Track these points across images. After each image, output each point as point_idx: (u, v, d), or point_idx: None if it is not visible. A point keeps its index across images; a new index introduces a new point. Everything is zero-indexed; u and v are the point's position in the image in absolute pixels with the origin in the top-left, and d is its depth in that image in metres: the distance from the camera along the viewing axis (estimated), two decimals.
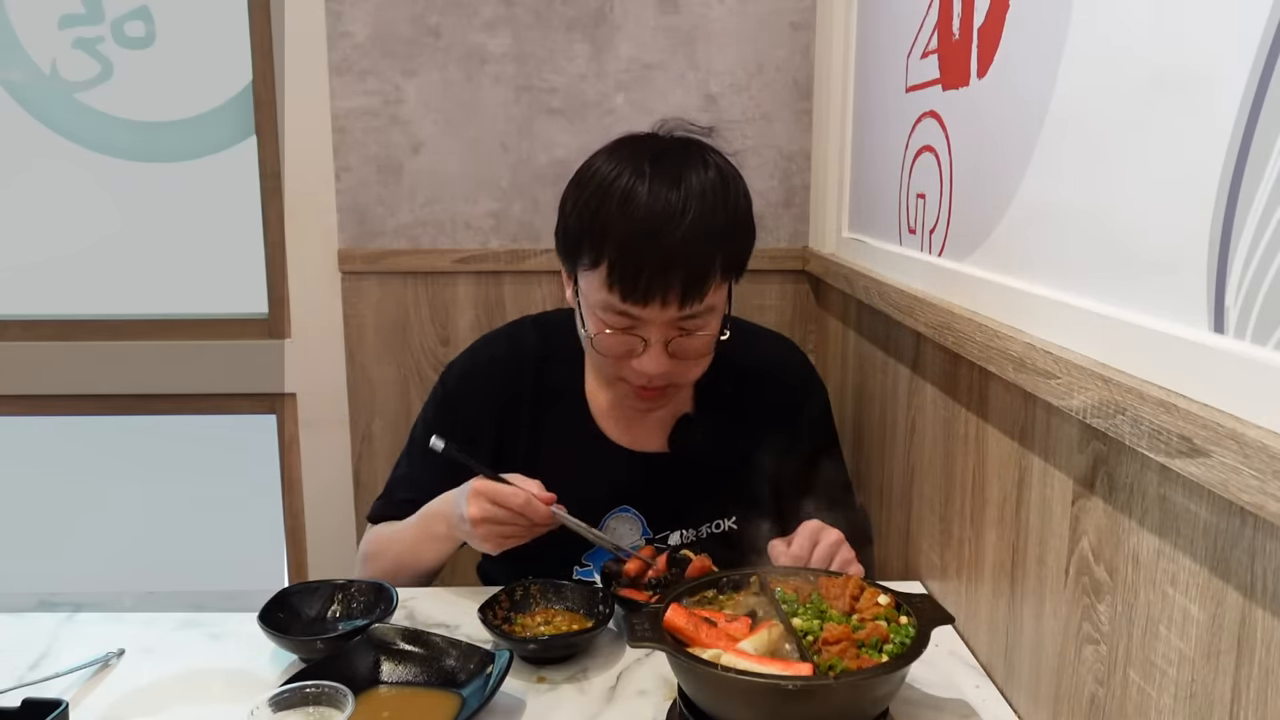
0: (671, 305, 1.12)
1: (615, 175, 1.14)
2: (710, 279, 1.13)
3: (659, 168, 1.13)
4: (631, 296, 1.12)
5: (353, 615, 1.11)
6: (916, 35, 1.22)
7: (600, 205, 1.13)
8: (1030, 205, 0.90)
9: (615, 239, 1.11)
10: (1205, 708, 0.65)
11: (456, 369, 1.35)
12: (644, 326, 1.15)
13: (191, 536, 2.06)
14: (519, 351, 1.32)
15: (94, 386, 1.89)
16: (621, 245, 1.11)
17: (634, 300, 1.12)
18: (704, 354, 1.20)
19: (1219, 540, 0.63)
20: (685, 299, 1.12)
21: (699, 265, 1.12)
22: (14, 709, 0.86)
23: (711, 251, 1.13)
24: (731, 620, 0.92)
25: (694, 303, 1.13)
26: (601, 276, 1.13)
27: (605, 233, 1.12)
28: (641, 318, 1.14)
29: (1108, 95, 0.76)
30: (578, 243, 1.16)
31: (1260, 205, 0.58)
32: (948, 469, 1.14)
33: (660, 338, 1.15)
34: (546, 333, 1.34)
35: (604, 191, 1.14)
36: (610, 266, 1.11)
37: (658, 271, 1.10)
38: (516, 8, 1.76)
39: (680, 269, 1.11)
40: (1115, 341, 0.73)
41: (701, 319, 1.16)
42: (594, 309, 1.17)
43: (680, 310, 1.13)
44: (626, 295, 1.12)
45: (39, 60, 1.85)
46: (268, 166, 1.85)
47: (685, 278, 1.11)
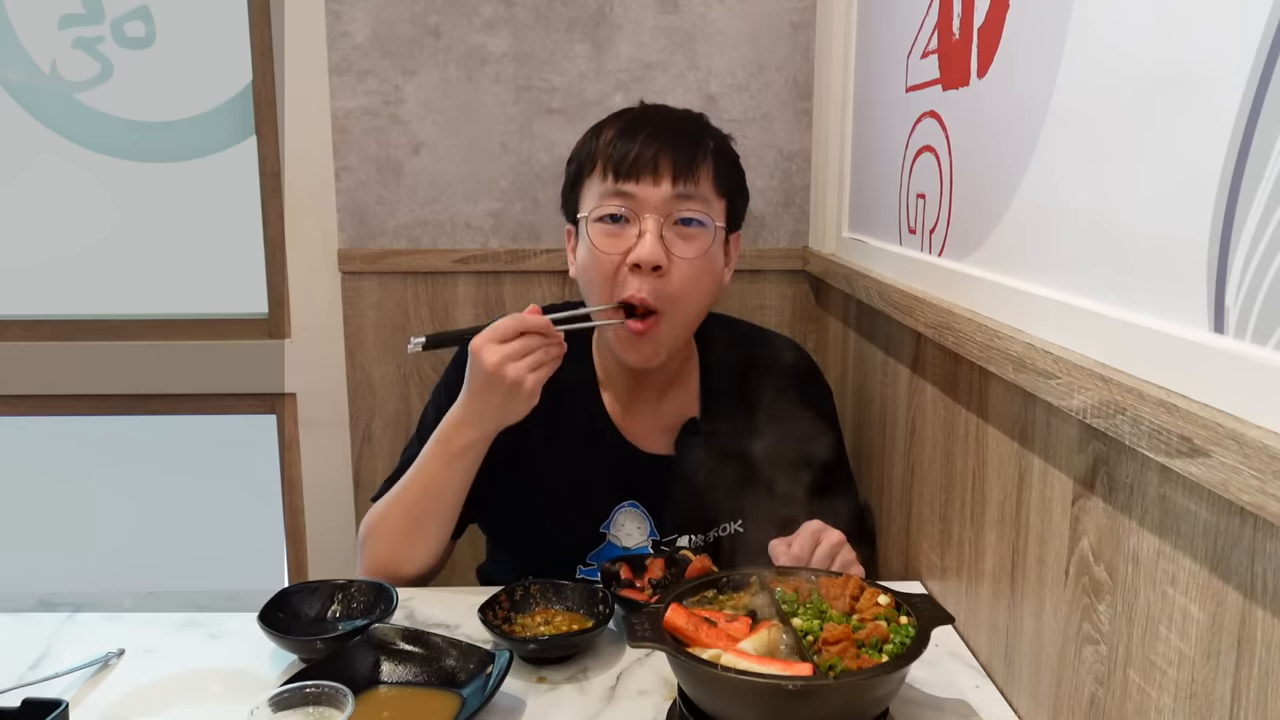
0: (664, 180, 1.18)
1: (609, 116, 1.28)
2: (700, 164, 1.20)
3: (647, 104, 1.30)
4: (624, 173, 1.18)
5: (353, 615, 1.11)
6: (916, 35, 1.22)
7: (597, 129, 1.26)
8: (1030, 205, 0.90)
9: (609, 132, 1.22)
10: (1205, 708, 0.65)
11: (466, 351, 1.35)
12: (638, 208, 1.18)
13: (191, 536, 2.06)
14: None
15: (94, 386, 1.89)
16: (615, 133, 1.21)
17: (626, 176, 1.18)
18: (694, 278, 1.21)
19: (1219, 540, 0.63)
20: (677, 175, 1.18)
21: (689, 143, 1.20)
22: (14, 709, 0.86)
23: (701, 141, 1.22)
24: (731, 620, 0.92)
25: (686, 181, 1.18)
26: (598, 172, 1.20)
27: (600, 135, 1.23)
28: (635, 195, 1.18)
29: (1108, 95, 0.76)
30: (578, 167, 1.25)
31: (1260, 205, 0.58)
32: (948, 469, 1.14)
33: (655, 225, 1.18)
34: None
35: (598, 124, 1.27)
36: (604, 154, 1.20)
37: (648, 143, 1.18)
38: (516, 8, 1.76)
39: (670, 144, 1.19)
40: (1115, 341, 0.73)
41: (695, 203, 1.20)
42: (592, 217, 1.21)
43: (673, 188, 1.18)
44: (619, 172, 1.18)
45: (39, 60, 1.85)
46: (268, 166, 1.85)
47: (675, 152, 1.18)
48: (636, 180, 1.18)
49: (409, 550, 1.20)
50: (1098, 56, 0.78)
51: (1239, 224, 0.60)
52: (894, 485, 1.35)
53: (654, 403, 1.31)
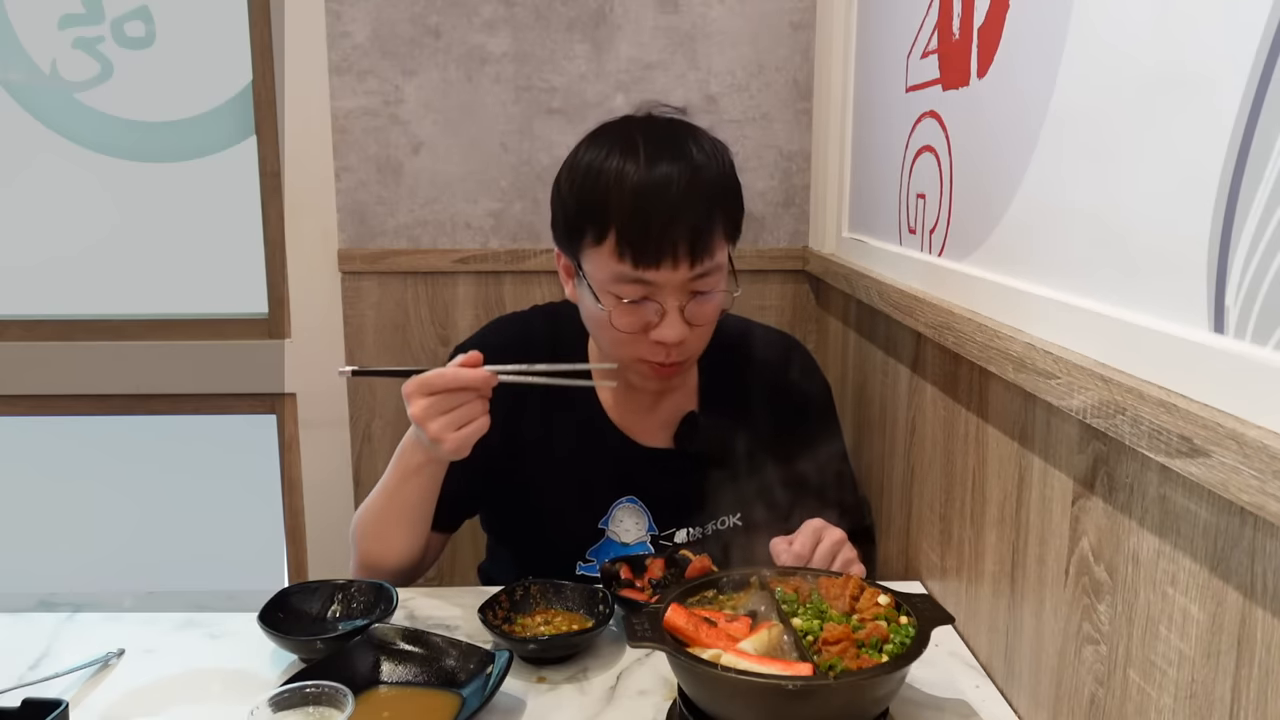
0: (683, 264, 1.14)
1: (607, 153, 1.16)
2: (714, 233, 1.16)
3: (649, 139, 1.16)
4: (643, 260, 1.13)
5: (353, 615, 1.11)
6: (916, 35, 1.22)
7: (598, 181, 1.15)
8: (1030, 205, 0.90)
9: (618, 208, 1.13)
10: (1205, 708, 0.65)
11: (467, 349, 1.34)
12: (658, 292, 1.15)
13: (191, 536, 2.06)
14: (529, 338, 1.32)
15: (94, 386, 1.89)
16: (626, 212, 1.12)
17: (646, 264, 1.13)
18: (712, 324, 1.22)
19: (1219, 540, 0.63)
20: (695, 255, 1.14)
21: (703, 220, 1.14)
22: (14, 709, 0.86)
23: (712, 206, 1.16)
24: (731, 620, 0.92)
25: (704, 259, 1.15)
26: (610, 249, 1.14)
27: (607, 204, 1.13)
28: (655, 282, 1.15)
29: (1108, 95, 0.76)
30: (579, 224, 1.17)
31: (1260, 205, 0.58)
32: (948, 469, 1.14)
33: (676, 302, 1.16)
34: (555, 322, 1.34)
35: (599, 169, 1.16)
36: (618, 235, 1.13)
37: (665, 230, 1.12)
38: (516, 8, 1.76)
39: (686, 225, 1.13)
40: (1115, 341, 0.73)
41: (712, 278, 1.18)
42: (605, 287, 1.17)
43: (691, 269, 1.14)
44: (638, 260, 1.13)
45: (39, 60, 1.85)
46: (268, 166, 1.85)
47: (692, 233, 1.13)
48: (656, 268, 1.13)
49: (386, 550, 1.22)
50: (1098, 56, 0.78)
51: (1239, 224, 0.60)
52: (894, 485, 1.35)
53: (653, 398, 1.31)
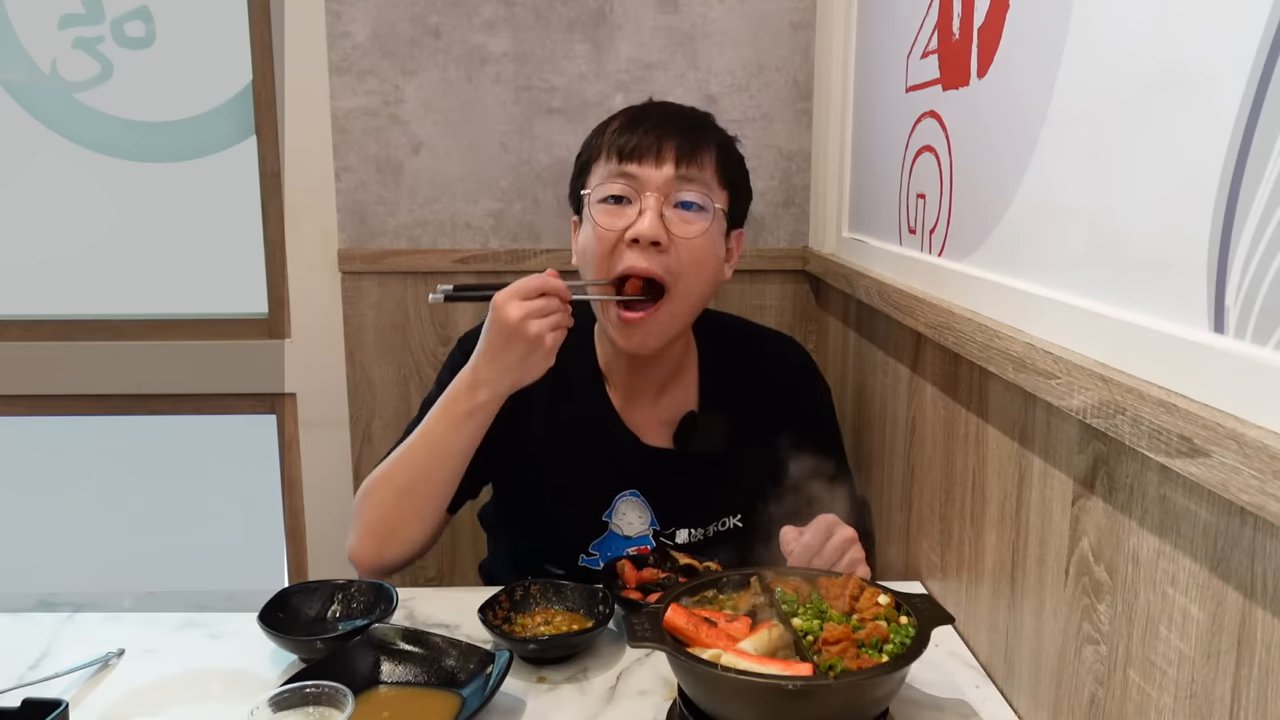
0: (666, 162, 1.20)
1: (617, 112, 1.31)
2: (703, 152, 1.22)
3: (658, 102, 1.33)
4: (626, 152, 1.20)
5: (353, 615, 1.11)
6: (916, 35, 1.22)
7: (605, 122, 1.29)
8: (1030, 205, 0.90)
9: (616, 122, 1.26)
10: (1205, 708, 0.65)
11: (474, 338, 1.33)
12: (641, 189, 1.20)
13: (191, 536, 2.06)
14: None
15: (94, 386, 1.89)
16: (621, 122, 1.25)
17: (628, 156, 1.20)
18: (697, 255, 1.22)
19: (1219, 540, 0.63)
20: (679, 159, 1.20)
21: (693, 132, 1.23)
22: (14, 709, 0.86)
23: (705, 132, 1.25)
24: (731, 620, 0.92)
25: (688, 167, 1.20)
26: (603, 156, 1.23)
27: (607, 127, 1.26)
28: (637, 176, 1.20)
29: (1108, 95, 0.76)
30: (586, 156, 1.28)
31: (1260, 205, 0.58)
32: (948, 469, 1.14)
33: (655, 203, 1.19)
34: None
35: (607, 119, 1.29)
36: (610, 140, 1.23)
37: (653, 128, 1.21)
38: (516, 8, 1.76)
39: (674, 130, 1.22)
40: (1115, 341, 0.73)
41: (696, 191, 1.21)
42: (594, 200, 1.23)
43: (676, 169, 1.20)
44: (623, 151, 1.21)
45: (39, 60, 1.85)
46: (268, 166, 1.85)
47: (679, 137, 1.21)
48: (639, 161, 1.20)
49: (408, 511, 1.19)
50: (1098, 56, 0.78)
51: (1239, 224, 0.60)
52: (894, 485, 1.35)
53: (654, 396, 1.32)
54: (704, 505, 1.31)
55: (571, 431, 1.29)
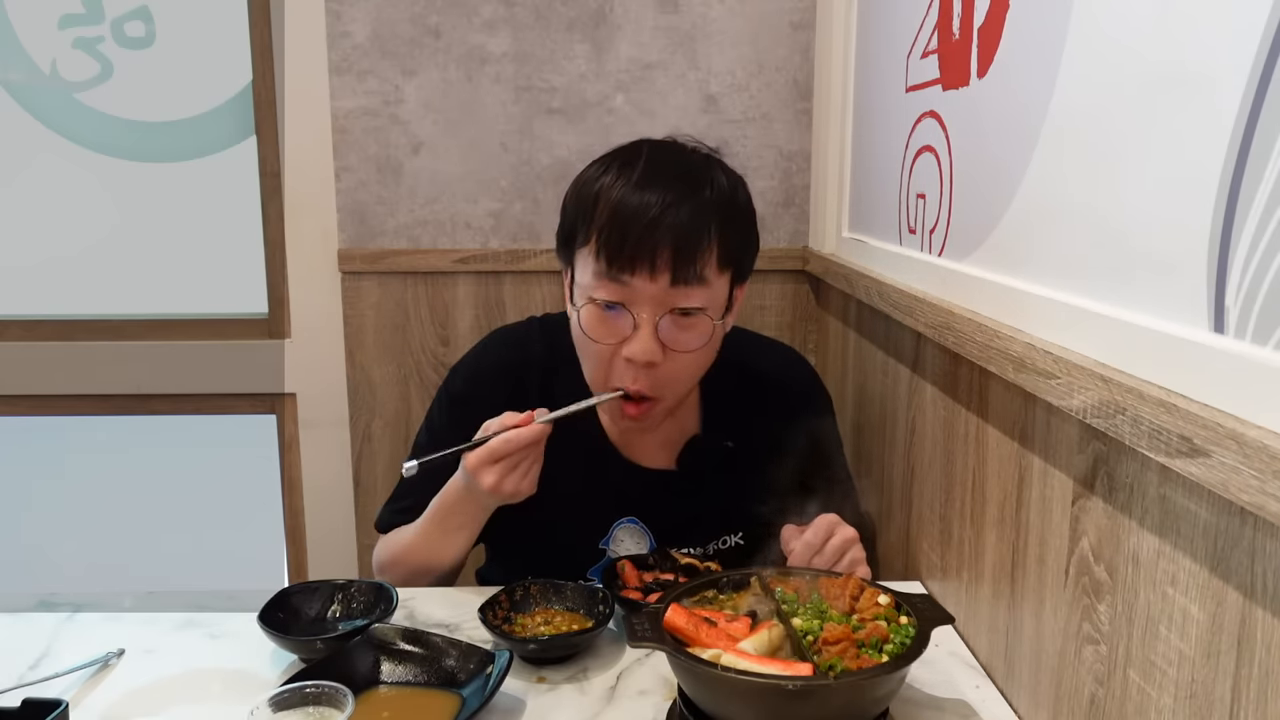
0: (662, 275, 1.08)
1: (611, 160, 1.16)
2: (703, 253, 1.09)
3: (655, 152, 1.16)
4: (619, 260, 1.08)
5: (353, 615, 1.11)
6: (916, 35, 1.22)
7: (596, 182, 1.14)
8: (1030, 205, 0.90)
9: (606, 205, 1.10)
10: (1205, 708, 0.65)
11: (462, 373, 1.33)
12: (634, 300, 1.11)
13: (191, 536, 2.06)
14: (525, 357, 1.29)
15: (94, 386, 1.89)
16: (612, 210, 1.09)
17: (621, 266, 1.08)
18: (694, 363, 1.16)
19: (1219, 540, 0.63)
20: (677, 269, 1.08)
21: (692, 234, 1.08)
22: (14, 709, 0.86)
23: (705, 222, 1.09)
24: (731, 620, 0.92)
25: (686, 276, 1.09)
26: (592, 247, 1.11)
27: (597, 202, 1.11)
28: (631, 286, 1.10)
29: (1108, 95, 0.76)
30: (573, 224, 1.15)
31: (1260, 205, 0.58)
32: (948, 469, 1.14)
33: (650, 318, 1.11)
34: (554, 337, 1.30)
35: (600, 173, 1.15)
36: (599, 231, 1.10)
37: (647, 233, 1.07)
38: (516, 8, 1.76)
39: (671, 234, 1.07)
40: (1115, 341, 0.73)
41: (695, 299, 1.11)
42: (586, 291, 1.13)
43: (672, 284, 1.09)
44: (614, 259, 1.09)
45: (39, 60, 1.85)
46: (268, 166, 1.85)
47: (676, 243, 1.07)
48: (632, 272, 1.09)
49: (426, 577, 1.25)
50: (1098, 56, 0.78)
51: (1239, 224, 0.60)
52: (894, 485, 1.35)
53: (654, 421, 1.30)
54: (705, 526, 1.28)
55: (568, 462, 1.23)
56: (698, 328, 1.14)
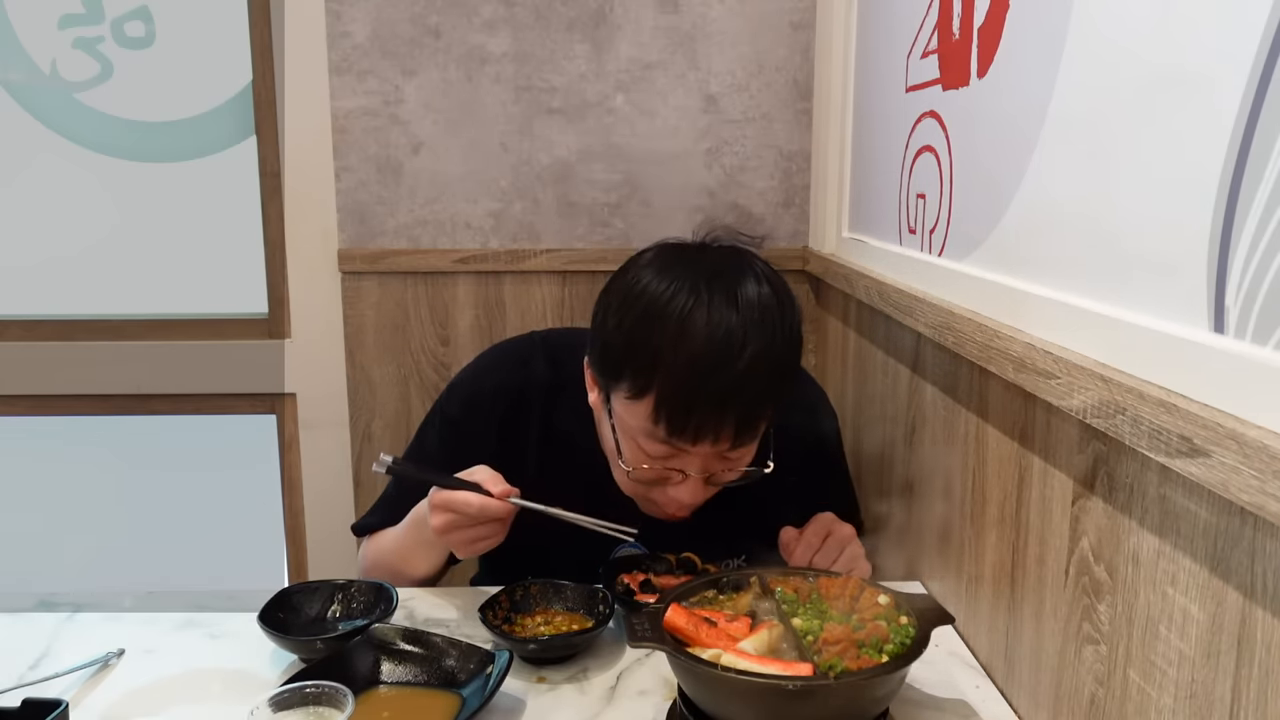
0: (724, 443, 1.05)
1: (668, 297, 1.03)
2: (765, 414, 1.06)
3: (715, 289, 1.03)
4: (680, 435, 1.03)
5: (353, 615, 1.11)
6: (916, 35, 1.22)
7: (650, 332, 1.02)
8: (1030, 205, 0.90)
9: (667, 371, 1.01)
10: (1205, 708, 0.65)
11: (459, 395, 1.30)
12: (685, 460, 1.08)
13: (191, 536, 2.06)
14: (526, 378, 1.26)
15: (94, 386, 1.89)
16: (674, 380, 1.01)
17: (682, 439, 1.04)
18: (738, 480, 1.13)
19: (1219, 540, 0.63)
20: (738, 437, 1.05)
21: (756, 402, 1.04)
22: (14, 709, 0.86)
23: (770, 385, 1.05)
24: (731, 620, 0.92)
25: (745, 440, 1.06)
26: (647, 409, 1.04)
27: (655, 363, 1.02)
28: (689, 452, 1.06)
29: (1108, 95, 0.76)
30: (620, 368, 1.06)
31: (1260, 205, 0.58)
32: (948, 469, 1.14)
33: (701, 471, 1.09)
34: (556, 360, 1.26)
35: (654, 314, 1.03)
36: (659, 400, 1.02)
37: (712, 410, 1.02)
38: (516, 8, 1.76)
39: (736, 407, 1.02)
40: (1115, 341, 0.73)
41: (745, 450, 1.10)
42: (632, 435, 1.08)
43: (732, 446, 1.06)
44: (674, 434, 1.03)
45: (39, 60, 1.85)
46: (268, 166, 1.85)
47: (740, 415, 1.03)
48: (694, 444, 1.05)
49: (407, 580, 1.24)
50: (1098, 56, 0.78)
51: (1239, 224, 0.60)
52: (894, 485, 1.35)
53: None
54: (708, 549, 1.27)
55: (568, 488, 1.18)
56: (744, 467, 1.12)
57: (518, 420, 1.24)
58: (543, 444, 1.24)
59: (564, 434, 1.23)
